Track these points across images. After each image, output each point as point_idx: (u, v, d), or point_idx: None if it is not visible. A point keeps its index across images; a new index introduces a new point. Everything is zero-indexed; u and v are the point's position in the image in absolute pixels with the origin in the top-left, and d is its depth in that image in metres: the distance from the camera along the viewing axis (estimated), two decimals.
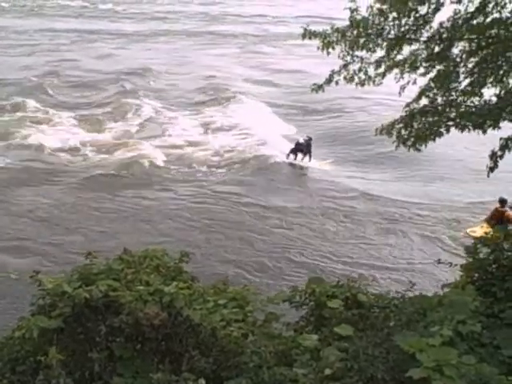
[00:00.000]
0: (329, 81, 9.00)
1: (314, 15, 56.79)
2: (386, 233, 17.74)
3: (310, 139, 23.66)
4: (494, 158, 8.83)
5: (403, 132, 9.15)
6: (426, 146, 9.12)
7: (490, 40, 8.37)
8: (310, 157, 23.51)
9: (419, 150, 9.22)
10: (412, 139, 9.05)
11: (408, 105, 9.29)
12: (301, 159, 23.52)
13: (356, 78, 8.92)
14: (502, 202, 16.78)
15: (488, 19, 8.27)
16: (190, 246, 14.68)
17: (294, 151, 23.42)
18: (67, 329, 5.59)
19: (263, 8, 70.68)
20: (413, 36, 8.60)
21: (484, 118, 8.44)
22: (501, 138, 8.77)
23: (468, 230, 17.52)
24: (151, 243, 12.15)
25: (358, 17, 8.41)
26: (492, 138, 9.06)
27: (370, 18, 8.41)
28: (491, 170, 8.93)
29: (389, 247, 16.78)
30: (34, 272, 5.79)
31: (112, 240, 16.01)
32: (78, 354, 5.62)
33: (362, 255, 16.19)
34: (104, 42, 49.02)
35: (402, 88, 9.09)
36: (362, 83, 9.01)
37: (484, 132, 8.71)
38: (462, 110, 8.75)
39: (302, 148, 23.41)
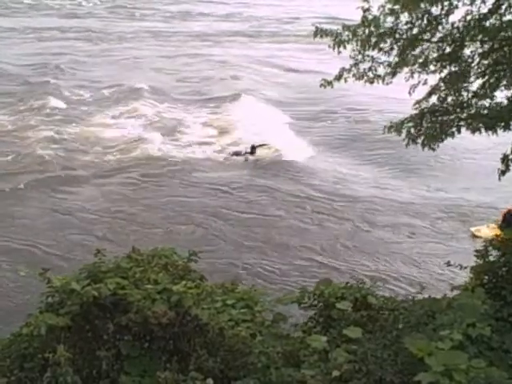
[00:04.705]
0: (339, 77, 8.97)
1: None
2: (395, 235, 17.70)
3: None
4: (506, 161, 8.70)
5: (413, 131, 9.08)
6: (438, 145, 9.04)
7: (504, 42, 8.29)
8: None
9: (434, 149, 9.12)
10: (422, 138, 8.97)
11: (418, 102, 9.21)
12: None
13: (365, 76, 8.87)
14: None
15: (501, 21, 8.19)
16: (199, 245, 14.68)
17: None
18: (75, 326, 5.59)
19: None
20: (425, 37, 8.52)
21: (495, 120, 8.35)
22: None
23: (473, 229, 17.47)
24: (160, 242, 12.16)
25: (370, 16, 8.36)
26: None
27: (382, 17, 8.35)
28: (503, 173, 8.79)
29: (396, 248, 16.73)
30: (43, 269, 5.79)
31: (114, 243, 15.98)
32: (86, 351, 5.63)
33: (372, 256, 16.14)
34: None
35: (413, 88, 9.01)
36: (371, 81, 8.97)
37: (495, 134, 8.63)
38: (473, 111, 8.66)
39: None
